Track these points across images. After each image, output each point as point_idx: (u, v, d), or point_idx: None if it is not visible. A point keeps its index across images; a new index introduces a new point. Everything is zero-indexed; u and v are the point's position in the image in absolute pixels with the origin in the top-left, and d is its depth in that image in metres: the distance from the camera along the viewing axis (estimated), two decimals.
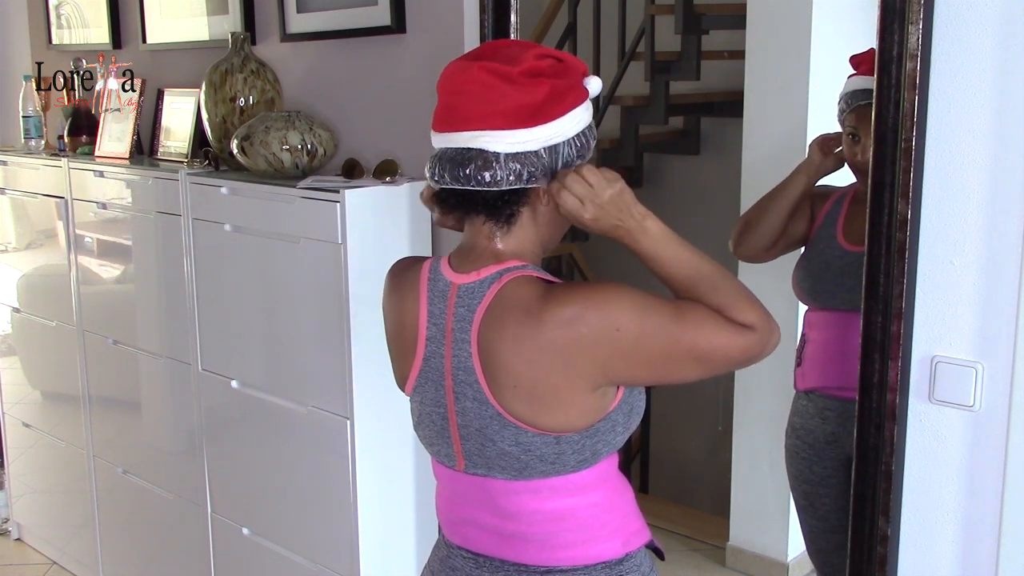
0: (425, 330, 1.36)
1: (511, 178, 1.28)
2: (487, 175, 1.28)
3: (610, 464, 1.38)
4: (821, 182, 1.92)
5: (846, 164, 1.85)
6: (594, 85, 1.34)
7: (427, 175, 1.34)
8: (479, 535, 1.39)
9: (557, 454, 1.30)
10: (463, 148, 1.29)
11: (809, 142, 1.89)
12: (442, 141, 1.32)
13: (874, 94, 1.60)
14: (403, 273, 1.44)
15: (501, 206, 1.31)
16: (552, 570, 1.35)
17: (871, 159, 1.61)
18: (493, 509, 1.36)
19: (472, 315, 1.30)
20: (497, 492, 1.35)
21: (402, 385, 1.44)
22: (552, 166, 1.31)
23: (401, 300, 1.41)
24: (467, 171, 1.28)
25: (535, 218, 1.34)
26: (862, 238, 1.65)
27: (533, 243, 1.35)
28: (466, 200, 1.32)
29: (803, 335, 1.97)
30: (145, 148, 3.08)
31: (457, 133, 1.29)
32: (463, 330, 1.31)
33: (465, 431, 1.34)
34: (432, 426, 1.39)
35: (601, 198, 1.28)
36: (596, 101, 2.72)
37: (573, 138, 1.32)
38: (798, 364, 1.97)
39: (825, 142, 1.86)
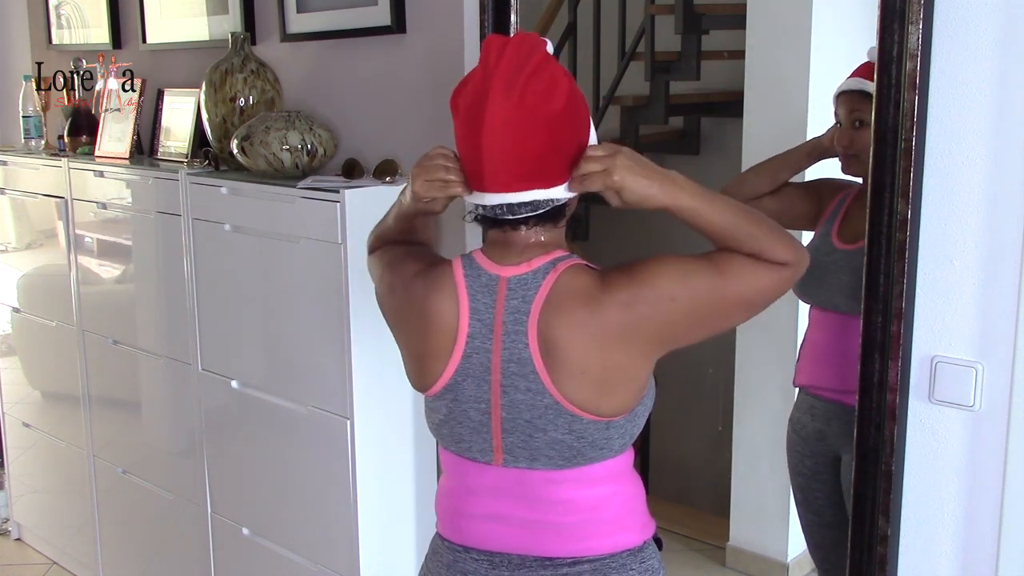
0: (467, 327, 1.35)
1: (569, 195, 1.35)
2: (554, 201, 1.33)
3: (632, 453, 1.42)
4: (838, 176, 1.91)
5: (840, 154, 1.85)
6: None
7: (487, 211, 1.35)
8: (501, 532, 1.39)
9: (606, 439, 1.34)
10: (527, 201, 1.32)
11: (815, 124, 1.89)
12: (496, 199, 1.33)
13: (874, 94, 1.60)
14: (424, 275, 1.42)
15: (555, 215, 1.36)
16: (579, 560, 1.36)
17: (871, 159, 1.61)
18: (527, 501, 1.37)
19: (528, 306, 1.31)
20: (536, 483, 1.36)
21: (425, 386, 1.41)
22: None
23: (430, 302, 1.38)
24: (534, 206, 1.33)
25: (567, 213, 1.39)
26: (854, 237, 1.65)
27: (564, 232, 1.40)
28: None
29: (806, 334, 1.98)
30: (145, 148, 3.08)
31: (515, 194, 1.31)
32: (518, 322, 1.32)
33: (510, 424, 1.34)
34: (467, 423, 1.38)
35: (617, 159, 1.28)
36: (596, 101, 2.72)
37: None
38: (797, 360, 1.98)
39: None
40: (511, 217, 1.33)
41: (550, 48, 1.33)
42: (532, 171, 1.30)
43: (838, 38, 1.96)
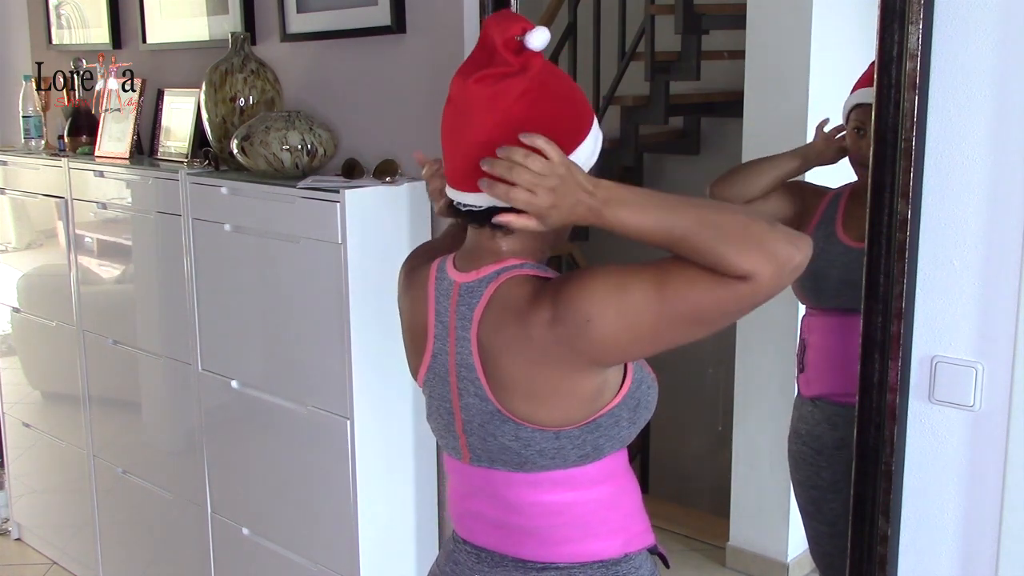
0: (433, 327, 1.37)
1: None
2: (496, 206, 1.26)
3: (617, 461, 1.37)
4: (818, 181, 1.92)
5: (847, 159, 1.85)
6: (537, 39, 1.22)
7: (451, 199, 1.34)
8: (483, 528, 1.40)
9: (557, 449, 1.30)
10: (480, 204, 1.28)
11: (815, 125, 1.88)
12: (458, 197, 1.30)
13: (874, 94, 1.60)
14: (414, 272, 1.45)
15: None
16: (549, 567, 1.35)
17: (871, 158, 1.61)
18: (496, 501, 1.37)
19: (472, 313, 1.30)
20: (500, 483, 1.35)
21: (415, 377, 1.46)
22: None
23: (413, 298, 1.43)
24: (474, 207, 1.29)
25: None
26: (863, 235, 1.64)
27: (535, 241, 1.33)
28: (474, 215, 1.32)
29: (802, 340, 1.96)
30: (145, 148, 3.08)
31: (470, 194, 1.28)
32: (465, 328, 1.31)
33: (469, 426, 1.35)
34: (440, 420, 1.41)
35: (553, 178, 1.17)
36: (596, 101, 2.72)
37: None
38: (801, 370, 1.96)
39: (830, 131, 1.85)
40: (463, 211, 1.31)
41: (536, 40, 1.22)
42: (473, 168, 1.23)
43: (838, 38, 1.96)
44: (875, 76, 1.60)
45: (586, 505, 1.35)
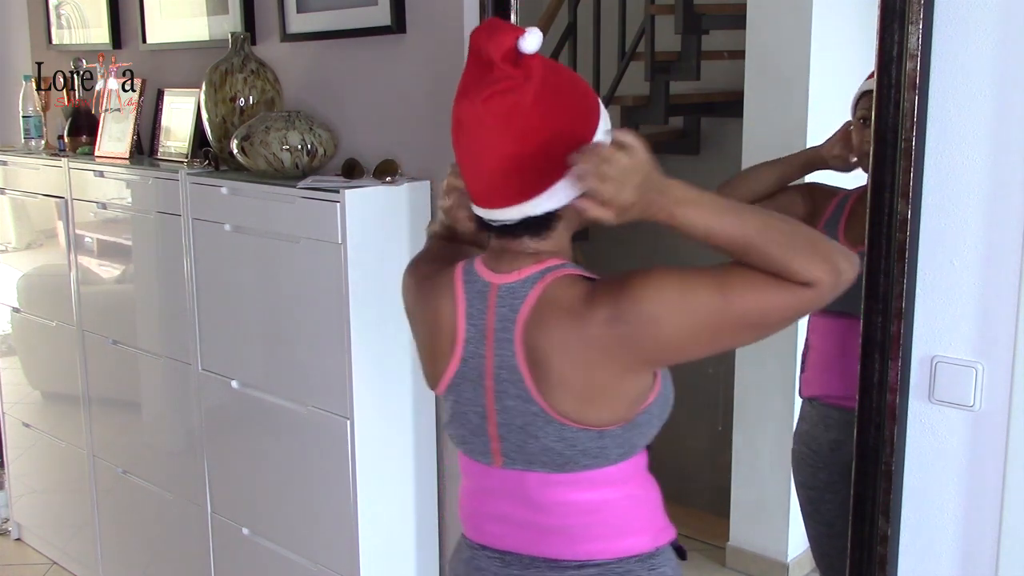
0: (464, 331, 1.35)
1: (560, 203, 1.28)
2: (529, 214, 1.28)
3: (642, 459, 1.39)
4: (830, 181, 1.91)
5: (854, 160, 1.84)
6: (531, 43, 1.22)
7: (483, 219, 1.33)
8: (509, 532, 1.39)
9: (600, 448, 1.31)
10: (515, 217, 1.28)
11: (815, 124, 1.88)
12: (489, 215, 1.31)
13: (874, 94, 1.60)
14: (429, 279, 1.43)
15: (542, 225, 1.30)
16: (585, 564, 1.35)
17: (871, 158, 1.61)
18: (528, 503, 1.37)
19: (515, 315, 1.30)
20: (534, 485, 1.35)
21: (433, 385, 1.43)
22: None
23: (434, 304, 1.39)
24: (509, 219, 1.29)
25: (567, 219, 1.32)
26: (863, 239, 1.64)
27: (567, 243, 1.34)
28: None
29: (807, 340, 1.97)
30: (145, 148, 3.08)
31: (502, 209, 1.28)
32: (506, 330, 1.30)
33: (505, 429, 1.34)
34: (467, 424, 1.39)
35: (638, 175, 1.19)
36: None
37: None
38: (803, 370, 1.96)
39: (844, 135, 1.85)
40: (495, 226, 1.31)
41: (530, 43, 1.22)
42: (501, 184, 1.26)
43: (838, 38, 1.96)
44: (875, 76, 1.60)
45: (619, 502, 1.36)
